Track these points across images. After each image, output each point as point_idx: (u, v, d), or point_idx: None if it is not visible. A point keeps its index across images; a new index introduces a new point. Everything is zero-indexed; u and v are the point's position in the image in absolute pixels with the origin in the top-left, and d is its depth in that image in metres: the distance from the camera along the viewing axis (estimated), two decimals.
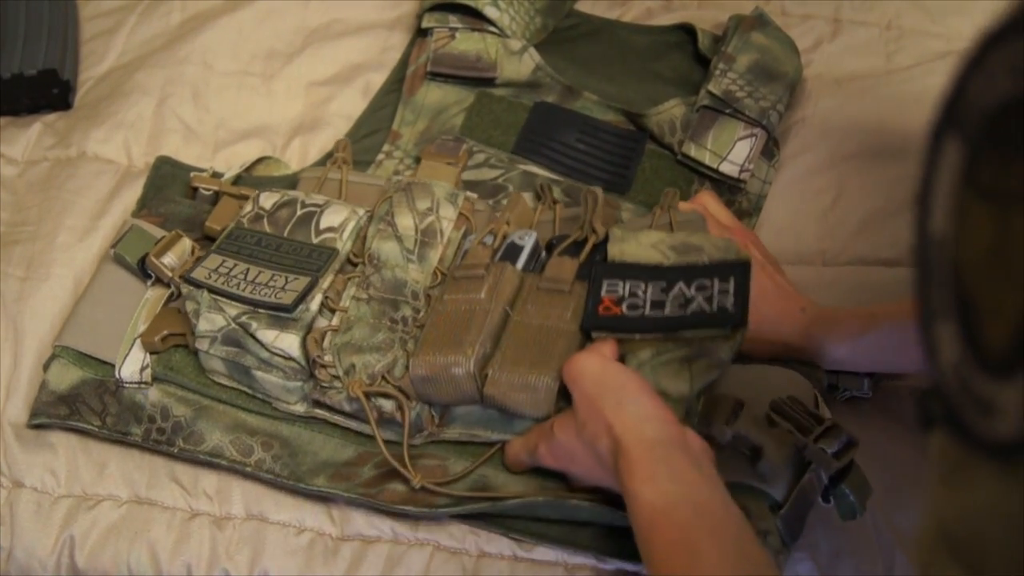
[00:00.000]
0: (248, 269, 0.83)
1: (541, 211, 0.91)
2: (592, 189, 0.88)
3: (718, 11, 1.10)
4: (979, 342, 0.28)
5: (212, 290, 0.82)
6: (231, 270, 0.83)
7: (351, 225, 0.86)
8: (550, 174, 0.97)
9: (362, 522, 0.81)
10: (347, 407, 0.80)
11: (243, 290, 0.82)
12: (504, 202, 0.94)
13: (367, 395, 0.79)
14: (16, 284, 0.93)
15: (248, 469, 0.81)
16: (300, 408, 0.83)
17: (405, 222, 0.86)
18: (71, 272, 0.94)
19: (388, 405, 0.79)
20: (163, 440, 0.82)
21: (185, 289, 0.83)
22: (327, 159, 0.99)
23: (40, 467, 0.85)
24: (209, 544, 0.81)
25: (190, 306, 0.83)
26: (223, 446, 0.82)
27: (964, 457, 0.31)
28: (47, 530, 0.83)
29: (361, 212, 0.87)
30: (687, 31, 1.09)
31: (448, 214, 0.87)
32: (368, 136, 1.03)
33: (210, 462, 0.82)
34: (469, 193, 0.90)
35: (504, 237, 0.85)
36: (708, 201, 0.90)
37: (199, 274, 0.83)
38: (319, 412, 0.82)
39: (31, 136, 1.06)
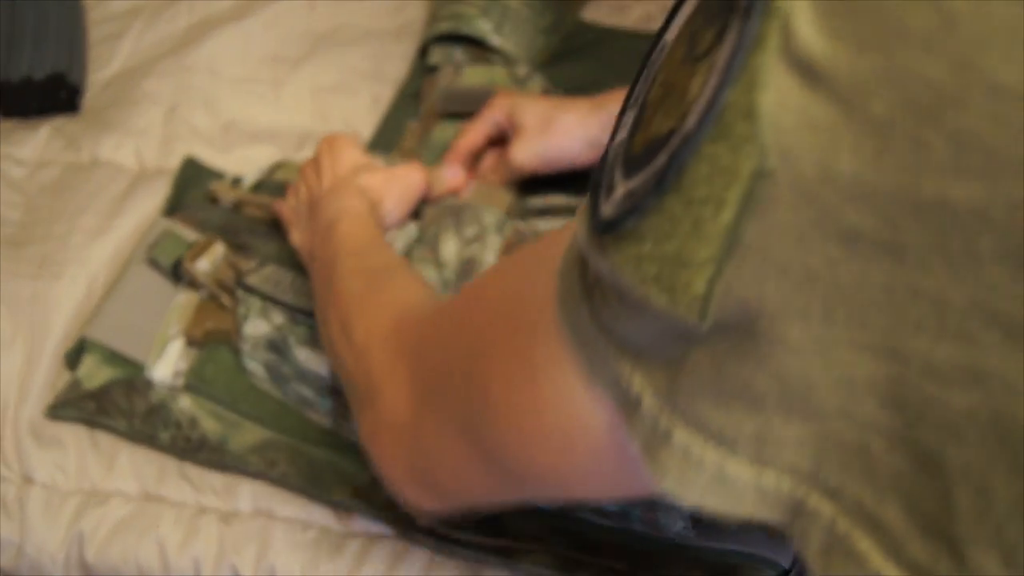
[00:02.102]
0: (295, 277, 0.87)
1: None
2: None
3: None
4: (633, 139, 0.34)
5: (264, 296, 0.86)
6: (279, 280, 0.88)
7: (399, 244, 0.87)
8: (568, 199, 0.96)
9: (367, 519, 0.82)
10: None
11: (288, 298, 0.86)
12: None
13: None
14: (29, 283, 0.94)
15: (273, 475, 0.82)
16: (327, 422, 0.84)
17: (448, 248, 0.86)
18: (84, 271, 0.95)
19: None
20: (189, 448, 0.84)
21: (240, 293, 0.87)
22: None
23: (50, 463, 0.86)
24: (216, 540, 0.82)
25: (240, 310, 0.86)
26: (249, 460, 0.83)
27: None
28: (57, 526, 0.84)
29: (412, 229, 0.88)
30: None
31: (493, 244, 0.86)
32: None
33: (235, 466, 0.83)
34: (519, 223, 0.89)
35: None
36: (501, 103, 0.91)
37: (253, 279, 0.87)
38: (344, 431, 0.83)
39: (40, 139, 1.07)
